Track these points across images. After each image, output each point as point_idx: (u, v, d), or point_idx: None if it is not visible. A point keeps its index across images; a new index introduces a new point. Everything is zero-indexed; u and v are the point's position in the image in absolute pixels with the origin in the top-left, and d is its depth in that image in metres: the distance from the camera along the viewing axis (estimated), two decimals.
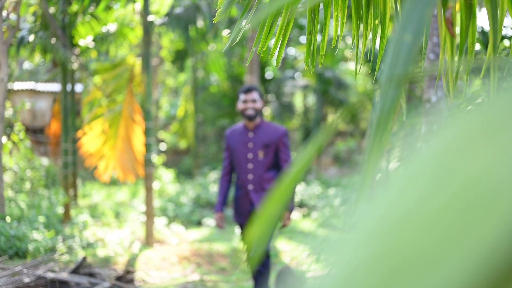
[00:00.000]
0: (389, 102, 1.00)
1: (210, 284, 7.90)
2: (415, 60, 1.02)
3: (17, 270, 5.54)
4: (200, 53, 19.13)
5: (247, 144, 5.92)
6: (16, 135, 12.03)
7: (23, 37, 11.14)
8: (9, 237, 8.19)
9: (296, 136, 27.58)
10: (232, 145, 6.02)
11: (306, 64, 2.38)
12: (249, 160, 5.88)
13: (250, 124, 5.99)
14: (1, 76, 9.17)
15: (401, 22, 1.02)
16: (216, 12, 2.25)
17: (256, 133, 5.95)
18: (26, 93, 20.95)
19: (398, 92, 1.02)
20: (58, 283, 5.56)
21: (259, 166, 5.86)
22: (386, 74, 1.02)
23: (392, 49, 1.02)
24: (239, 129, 6.08)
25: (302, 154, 1.07)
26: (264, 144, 5.87)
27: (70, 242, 9.51)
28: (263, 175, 5.86)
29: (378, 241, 0.47)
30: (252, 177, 5.87)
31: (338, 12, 2.30)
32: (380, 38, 2.35)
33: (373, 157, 1.03)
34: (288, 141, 6.01)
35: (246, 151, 5.91)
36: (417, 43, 1.01)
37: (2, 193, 9.10)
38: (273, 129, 6.02)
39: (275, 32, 2.41)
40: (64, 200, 11.06)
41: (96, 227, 11.56)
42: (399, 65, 0.99)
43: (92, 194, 16.30)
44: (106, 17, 12.22)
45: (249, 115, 5.90)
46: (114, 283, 5.79)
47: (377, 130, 1.02)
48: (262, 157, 5.87)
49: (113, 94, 11.46)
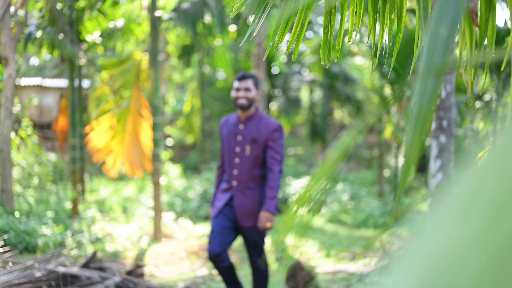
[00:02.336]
0: (427, 96, 1.00)
1: (219, 279, 7.92)
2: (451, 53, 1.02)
3: (28, 265, 5.56)
4: (207, 48, 19.13)
5: (236, 137, 5.49)
6: (24, 131, 12.06)
7: (31, 33, 11.16)
8: (19, 232, 8.23)
9: (302, 131, 27.57)
10: (224, 135, 5.63)
11: (323, 58, 2.39)
12: (236, 154, 5.46)
13: (243, 115, 5.52)
14: (10, 72, 9.19)
15: (436, 15, 1.02)
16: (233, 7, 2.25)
17: (247, 126, 5.48)
18: (33, 89, 20.99)
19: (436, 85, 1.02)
20: (69, 277, 5.58)
21: (246, 162, 5.42)
22: (423, 67, 1.03)
23: (427, 42, 1.02)
24: (233, 119, 5.63)
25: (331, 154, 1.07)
26: (253, 139, 5.42)
27: (79, 237, 9.54)
28: (249, 172, 5.42)
29: None
30: (237, 173, 5.45)
31: (354, 6, 2.30)
32: (396, 32, 2.35)
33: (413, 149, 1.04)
34: (280, 137, 5.47)
35: (234, 144, 5.49)
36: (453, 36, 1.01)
37: (11, 188, 9.13)
38: (265, 123, 5.48)
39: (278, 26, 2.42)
40: (72, 195, 11.09)
41: (104, 222, 11.59)
42: (435, 58, 1.00)
43: (99, 189, 16.34)
44: (113, 13, 12.22)
45: (240, 105, 5.41)
46: (124, 277, 5.81)
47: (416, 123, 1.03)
48: (250, 152, 5.42)
49: (121, 89, 11.48)
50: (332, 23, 2.29)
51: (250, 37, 2.27)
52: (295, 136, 28.28)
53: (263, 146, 5.41)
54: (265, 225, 5.27)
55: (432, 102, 1.02)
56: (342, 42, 2.51)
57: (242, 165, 5.42)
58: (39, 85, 21.25)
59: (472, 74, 2.15)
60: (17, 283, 5.16)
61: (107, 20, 12.25)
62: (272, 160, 5.36)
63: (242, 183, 5.42)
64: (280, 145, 5.43)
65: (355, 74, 23.63)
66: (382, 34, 2.37)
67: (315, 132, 20.07)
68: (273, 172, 5.31)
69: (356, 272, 7.40)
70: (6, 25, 9.16)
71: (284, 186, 15.41)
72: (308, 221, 0.89)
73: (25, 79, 21.11)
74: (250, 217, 5.38)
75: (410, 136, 1.04)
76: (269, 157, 5.38)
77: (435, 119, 7.10)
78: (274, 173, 5.30)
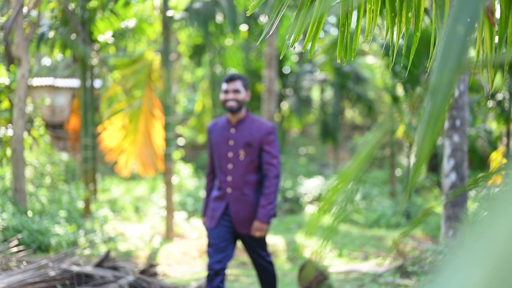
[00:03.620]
0: (442, 94, 1.00)
1: (231, 278, 7.92)
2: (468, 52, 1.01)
3: (42, 264, 5.58)
4: (218, 48, 19.14)
5: (228, 142, 5.22)
6: (36, 131, 12.11)
7: (43, 33, 11.20)
8: (32, 231, 8.27)
9: (313, 131, 27.54)
10: (213, 140, 5.34)
11: (339, 57, 2.38)
12: (229, 160, 5.18)
13: (233, 118, 5.25)
14: (22, 72, 9.23)
15: (454, 13, 1.01)
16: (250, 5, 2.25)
17: (239, 130, 5.22)
18: (45, 89, 21.08)
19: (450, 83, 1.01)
20: (83, 276, 5.60)
21: (240, 167, 5.16)
22: (438, 66, 1.02)
23: (444, 41, 1.02)
24: (222, 123, 5.35)
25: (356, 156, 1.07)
26: (246, 143, 5.16)
27: (91, 236, 9.57)
28: (244, 178, 5.16)
29: None
30: (231, 179, 5.17)
31: (371, 4, 2.29)
32: (414, 31, 2.34)
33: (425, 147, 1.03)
34: (275, 140, 5.22)
35: (226, 149, 5.21)
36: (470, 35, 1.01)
37: (24, 188, 9.17)
38: (258, 126, 5.22)
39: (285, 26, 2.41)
40: (85, 195, 11.13)
41: (117, 221, 11.62)
42: (451, 57, 0.99)
43: (111, 188, 16.38)
44: (125, 13, 12.25)
45: (230, 108, 5.16)
46: (138, 276, 5.82)
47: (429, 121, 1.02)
48: (244, 157, 5.16)
49: (133, 89, 11.50)
50: (349, 21, 2.29)
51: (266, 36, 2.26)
52: (306, 135, 28.26)
53: (257, 150, 5.17)
54: (255, 234, 5.13)
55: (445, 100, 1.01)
56: (368, 41, 2.51)
57: (236, 171, 5.17)
58: (51, 85, 21.33)
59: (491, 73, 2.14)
60: (32, 282, 5.19)
61: (119, 20, 12.28)
62: (268, 165, 5.13)
63: (237, 189, 5.18)
64: (275, 148, 5.19)
65: (366, 73, 23.61)
66: (400, 33, 2.36)
67: (326, 131, 20.06)
68: (268, 178, 5.10)
69: (369, 272, 7.39)
70: (19, 25, 9.20)
71: (296, 185, 15.40)
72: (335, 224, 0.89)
73: (37, 79, 21.20)
74: (248, 224, 5.17)
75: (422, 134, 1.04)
76: (264, 162, 5.15)
77: (448, 118, 7.08)
78: (270, 180, 5.09)
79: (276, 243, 9.96)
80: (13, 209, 8.52)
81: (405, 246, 8.55)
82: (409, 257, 7.41)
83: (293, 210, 14.13)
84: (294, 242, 10.00)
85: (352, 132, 28.41)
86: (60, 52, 11.71)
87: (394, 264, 7.55)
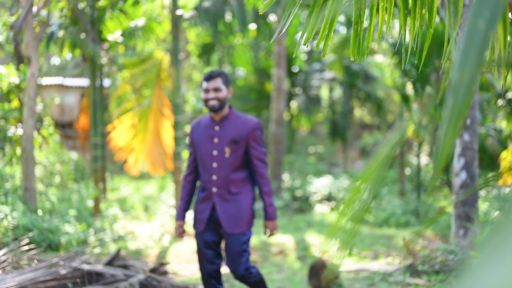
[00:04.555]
0: (463, 91, 0.99)
1: None
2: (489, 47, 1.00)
3: (53, 262, 5.59)
4: (227, 47, 19.15)
5: (212, 139, 5.04)
6: (46, 130, 12.14)
7: (53, 33, 11.23)
8: (42, 230, 8.29)
9: (322, 130, 27.51)
10: (195, 140, 5.16)
11: (352, 55, 2.38)
12: (214, 158, 5.01)
13: (216, 116, 5.08)
14: (32, 71, 9.25)
15: (474, 7, 1.00)
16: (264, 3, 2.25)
17: (223, 127, 5.06)
18: (54, 88, 21.13)
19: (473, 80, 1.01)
20: (94, 275, 5.61)
21: (225, 166, 4.99)
22: (459, 63, 1.01)
23: (465, 36, 1.01)
24: (205, 122, 5.17)
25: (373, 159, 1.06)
26: (232, 140, 4.99)
27: (101, 235, 9.59)
28: (230, 176, 4.99)
29: None
30: (217, 178, 4.99)
31: (384, 2, 2.29)
32: (427, 28, 2.33)
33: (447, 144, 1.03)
34: (261, 135, 5.08)
35: (211, 148, 5.03)
36: (492, 30, 1.00)
37: (34, 187, 9.20)
38: (243, 122, 5.06)
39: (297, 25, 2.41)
40: (95, 194, 11.15)
41: (126, 220, 11.64)
42: (473, 53, 0.98)
43: (120, 187, 16.41)
44: (134, 12, 12.26)
45: (211, 106, 4.99)
46: (148, 275, 5.83)
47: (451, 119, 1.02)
48: (229, 155, 4.99)
49: (142, 88, 11.52)
50: (362, 19, 2.28)
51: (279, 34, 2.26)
52: (315, 134, 28.24)
53: (243, 147, 5.01)
54: (273, 233, 5.07)
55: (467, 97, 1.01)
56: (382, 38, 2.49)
57: (221, 170, 4.99)
58: (61, 84, 21.38)
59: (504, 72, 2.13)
60: (43, 280, 5.20)
61: (128, 19, 12.29)
62: (258, 162, 5.01)
63: (222, 188, 4.99)
64: (262, 144, 5.06)
65: (375, 72, 23.56)
66: (414, 30, 2.35)
67: (335, 130, 20.04)
68: (263, 175, 5.01)
69: (379, 271, 7.37)
70: (29, 24, 9.22)
71: (306, 184, 15.39)
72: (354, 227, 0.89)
73: (46, 78, 21.26)
74: (236, 223, 4.96)
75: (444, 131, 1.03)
76: (254, 159, 5.02)
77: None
78: (265, 177, 5.02)
79: (285, 241, 9.96)
80: (24, 208, 8.55)
81: (415, 245, 8.53)
82: (419, 256, 7.39)
83: (302, 209, 14.12)
84: (303, 241, 9.99)
85: (361, 131, 28.37)
86: (70, 51, 11.74)
87: (404, 263, 7.53)
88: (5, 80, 10.95)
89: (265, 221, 5.08)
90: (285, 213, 13.48)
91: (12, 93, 11.03)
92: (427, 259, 7.17)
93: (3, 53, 17.98)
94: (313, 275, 6.49)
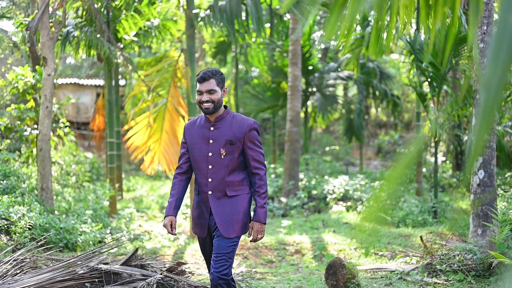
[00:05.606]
0: (495, 87, 0.96)
1: (258, 276, 7.90)
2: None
3: (71, 262, 5.60)
4: (243, 46, 19.14)
5: (207, 141, 4.86)
6: (62, 130, 12.19)
7: (69, 33, 11.25)
8: (59, 230, 8.31)
9: (338, 128, 27.44)
10: (189, 140, 4.97)
11: (373, 53, 2.35)
12: (209, 160, 4.82)
13: (212, 117, 4.89)
14: (48, 71, 9.28)
15: (504, 3, 0.98)
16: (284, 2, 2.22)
17: (219, 127, 4.87)
18: (69, 88, 21.22)
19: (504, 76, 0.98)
20: (112, 274, 5.60)
21: (221, 168, 4.80)
22: (490, 59, 0.98)
23: (496, 32, 0.98)
24: (200, 122, 4.99)
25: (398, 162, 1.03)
26: (227, 141, 4.80)
27: (117, 234, 9.61)
28: (226, 178, 4.80)
29: None
30: (212, 181, 4.81)
31: None
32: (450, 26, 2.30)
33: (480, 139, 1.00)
34: (257, 136, 4.87)
35: (206, 149, 4.85)
36: None
37: (51, 187, 9.23)
38: (239, 122, 4.86)
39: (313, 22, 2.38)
40: (111, 194, 11.17)
41: (142, 220, 11.66)
42: (504, 49, 0.95)
43: (136, 187, 16.45)
44: (150, 11, 12.27)
45: (206, 109, 4.79)
46: (165, 274, 5.82)
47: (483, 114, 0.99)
48: (225, 156, 4.80)
49: (157, 88, 11.53)
50: (383, 17, 2.25)
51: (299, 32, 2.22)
52: (331, 133, 28.18)
53: (239, 148, 4.81)
54: (257, 237, 4.82)
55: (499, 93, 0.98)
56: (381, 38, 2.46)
57: (217, 171, 4.81)
58: (76, 84, 21.48)
59: None
60: (61, 280, 5.20)
61: (143, 19, 12.30)
62: (255, 163, 4.81)
63: (218, 191, 4.81)
64: (259, 144, 4.85)
65: (391, 70, 23.47)
66: (434, 27, 2.31)
67: (351, 129, 19.97)
68: (260, 177, 4.82)
69: (397, 270, 7.33)
70: (44, 25, 9.25)
71: (323, 182, 15.36)
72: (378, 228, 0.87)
73: (61, 78, 21.37)
74: (232, 227, 4.78)
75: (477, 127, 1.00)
76: (251, 160, 4.81)
77: (476, 114, 6.99)
78: (262, 178, 4.82)
79: (302, 241, 9.93)
80: (40, 208, 8.58)
81: (432, 244, 8.48)
82: (437, 255, 7.34)
83: (319, 208, 14.08)
84: (320, 240, 9.95)
85: (377, 130, 28.28)
86: (85, 52, 11.77)
87: (422, 262, 7.47)
88: (21, 80, 11.01)
89: (251, 222, 4.85)
90: (301, 213, 13.45)
91: (28, 93, 11.08)
92: (445, 258, 7.12)
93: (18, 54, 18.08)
94: (330, 274, 6.45)
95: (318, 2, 2.25)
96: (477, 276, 6.74)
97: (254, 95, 18.77)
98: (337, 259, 6.47)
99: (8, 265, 5.43)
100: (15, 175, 10.08)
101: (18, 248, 7.06)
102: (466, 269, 6.81)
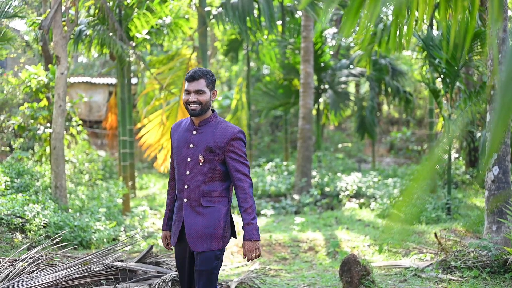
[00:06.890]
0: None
1: (272, 273, 7.91)
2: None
3: (86, 259, 5.62)
4: (255, 43, 19.12)
5: (188, 145, 4.53)
6: (75, 128, 12.23)
7: (81, 31, 11.29)
8: (73, 227, 8.35)
9: (350, 126, 27.38)
10: (173, 142, 4.71)
11: (393, 48, 2.34)
12: (187, 165, 4.50)
13: (196, 120, 4.57)
14: (61, 70, 9.31)
15: None
16: None
17: (201, 132, 4.54)
18: (82, 87, 21.29)
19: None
20: (127, 271, 5.62)
21: (199, 175, 4.46)
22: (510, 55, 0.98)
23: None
24: (185, 124, 4.68)
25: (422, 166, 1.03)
26: (207, 147, 4.45)
27: (131, 232, 9.64)
28: (202, 187, 4.46)
29: None
30: (188, 188, 4.49)
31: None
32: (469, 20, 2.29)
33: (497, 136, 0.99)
34: (242, 146, 4.50)
35: (186, 154, 4.53)
36: None
37: (64, 185, 9.26)
38: (222, 130, 4.51)
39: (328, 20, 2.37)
40: (124, 191, 11.20)
41: (155, 218, 11.68)
42: None
43: (149, 185, 16.48)
44: (161, 10, 12.28)
45: (192, 111, 4.49)
46: None
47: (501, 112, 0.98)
48: (203, 164, 4.46)
49: (170, 86, 11.55)
50: (403, 12, 2.24)
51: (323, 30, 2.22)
52: (343, 130, 28.12)
53: (220, 157, 4.47)
54: (251, 257, 4.42)
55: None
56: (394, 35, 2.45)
57: (193, 179, 4.48)
58: (88, 83, 21.54)
59: None
60: (77, 277, 5.23)
61: (155, 17, 12.32)
62: (238, 174, 4.44)
63: (193, 200, 4.48)
64: (243, 156, 4.48)
65: (403, 67, 23.39)
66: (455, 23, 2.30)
67: (363, 126, 19.92)
68: (243, 190, 4.43)
69: (411, 267, 7.31)
70: (57, 24, 9.27)
71: (336, 179, 15.34)
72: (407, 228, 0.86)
73: (73, 77, 21.44)
74: (203, 240, 4.43)
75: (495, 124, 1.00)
76: (233, 171, 4.45)
77: (490, 111, 6.96)
78: (246, 191, 4.43)
79: (315, 238, 9.92)
80: (54, 206, 8.62)
81: (447, 240, 8.45)
82: (451, 252, 7.31)
83: (332, 205, 14.07)
84: (333, 237, 9.95)
85: (389, 127, 28.19)
86: (97, 50, 11.81)
87: (436, 259, 7.45)
88: (34, 79, 11.05)
89: (243, 242, 4.47)
90: (314, 210, 13.44)
91: (41, 92, 11.13)
92: (460, 255, 7.09)
93: (31, 53, 18.17)
94: (345, 271, 6.45)
95: (336, 2, 2.25)
96: (492, 272, 6.72)
97: (266, 92, 18.75)
98: (351, 256, 6.46)
99: (24, 262, 5.46)
100: (29, 174, 10.13)
101: (33, 246, 7.10)
102: (481, 265, 6.79)
